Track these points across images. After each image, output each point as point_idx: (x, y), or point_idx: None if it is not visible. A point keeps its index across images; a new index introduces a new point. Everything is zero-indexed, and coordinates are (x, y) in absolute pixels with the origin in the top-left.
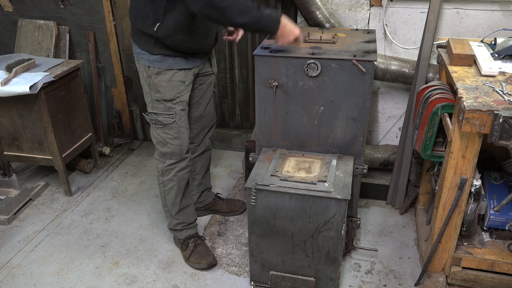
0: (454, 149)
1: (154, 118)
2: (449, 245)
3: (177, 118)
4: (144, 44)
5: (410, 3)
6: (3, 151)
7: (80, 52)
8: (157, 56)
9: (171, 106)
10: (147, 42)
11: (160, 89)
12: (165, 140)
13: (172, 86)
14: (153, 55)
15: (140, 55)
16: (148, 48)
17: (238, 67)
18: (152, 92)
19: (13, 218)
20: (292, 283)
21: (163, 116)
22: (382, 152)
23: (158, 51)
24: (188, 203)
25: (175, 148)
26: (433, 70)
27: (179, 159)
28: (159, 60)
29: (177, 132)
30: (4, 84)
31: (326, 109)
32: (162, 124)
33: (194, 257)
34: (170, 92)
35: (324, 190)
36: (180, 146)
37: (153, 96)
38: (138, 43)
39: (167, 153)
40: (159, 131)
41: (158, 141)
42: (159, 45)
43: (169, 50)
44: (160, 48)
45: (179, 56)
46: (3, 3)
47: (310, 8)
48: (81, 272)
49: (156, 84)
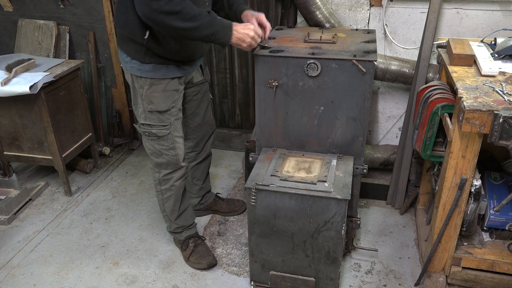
0: (454, 149)
1: (147, 130)
2: (449, 245)
3: (172, 129)
4: (133, 53)
5: (410, 3)
6: (3, 151)
7: (80, 52)
8: (149, 65)
9: (165, 117)
10: (137, 51)
11: (153, 100)
12: (160, 152)
13: (166, 96)
14: (144, 64)
15: (129, 64)
16: (138, 56)
17: (238, 67)
18: (144, 103)
19: (13, 218)
20: (292, 283)
21: (157, 128)
22: (382, 152)
23: (149, 59)
24: (186, 207)
25: (171, 158)
26: (433, 70)
27: (175, 168)
28: (151, 69)
29: (172, 142)
30: (4, 84)
31: (326, 109)
32: (157, 137)
33: (194, 257)
34: (164, 103)
35: (324, 190)
36: (176, 156)
37: (146, 107)
38: (127, 51)
39: (162, 164)
40: (153, 142)
41: (152, 152)
42: (151, 54)
43: (161, 58)
44: (151, 56)
45: (172, 64)
46: (3, 3)
47: (310, 8)
48: (81, 272)
49: (149, 95)
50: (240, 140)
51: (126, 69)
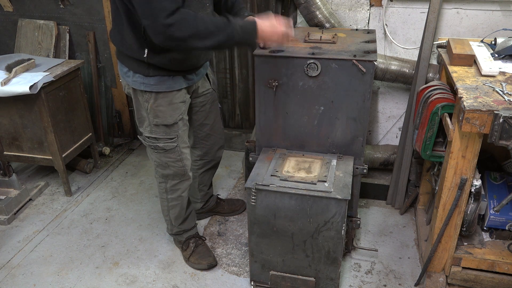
0: (454, 149)
1: (153, 144)
2: (449, 245)
3: (180, 142)
4: (136, 66)
5: (410, 3)
6: (3, 151)
7: (80, 52)
8: (154, 78)
9: (172, 130)
10: (139, 64)
11: (159, 114)
12: (167, 164)
13: (173, 109)
14: (148, 77)
15: (131, 78)
16: (141, 70)
17: (238, 67)
18: (150, 116)
19: (13, 218)
20: (292, 283)
21: (164, 141)
22: (382, 152)
23: (153, 72)
24: (189, 212)
25: (178, 169)
26: (433, 70)
27: (182, 179)
28: (156, 82)
29: (179, 154)
30: (4, 84)
31: (326, 109)
32: (164, 150)
33: (195, 257)
34: (171, 116)
35: (324, 190)
36: (184, 167)
37: (151, 121)
38: (129, 65)
39: (169, 175)
40: (159, 155)
41: (158, 164)
42: (154, 67)
43: (166, 70)
44: (155, 69)
45: (178, 75)
46: (3, 3)
47: (310, 8)
48: (81, 272)
49: (154, 109)
50: (240, 140)
51: (128, 83)
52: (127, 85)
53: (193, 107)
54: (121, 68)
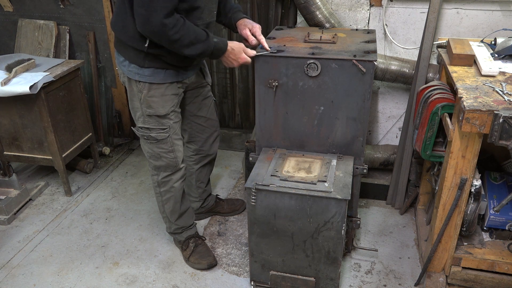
0: (454, 149)
1: (146, 134)
2: (449, 245)
3: (171, 132)
4: (132, 56)
5: (410, 3)
6: (3, 151)
7: (80, 52)
8: (148, 69)
9: (164, 121)
10: (136, 55)
11: (152, 104)
12: (159, 154)
13: (165, 100)
14: (143, 68)
15: (127, 68)
16: (137, 61)
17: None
18: (143, 107)
19: (13, 218)
20: (292, 283)
21: (156, 131)
22: (382, 152)
23: (149, 64)
24: (186, 208)
25: (170, 161)
26: (433, 70)
27: (174, 170)
28: (150, 74)
29: (171, 145)
30: (4, 84)
31: (326, 109)
32: (156, 140)
33: (195, 257)
34: (163, 107)
35: (324, 190)
36: (175, 158)
37: (144, 111)
38: (125, 55)
39: (161, 166)
40: (151, 146)
41: (151, 155)
42: (150, 58)
43: (161, 63)
44: (151, 60)
45: (171, 69)
46: (3, 3)
47: (310, 8)
48: (81, 272)
49: (148, 99)
50: (240, 140)
51: (123, 72)
52: (123, 73)
53: (185, 99)
54: (117, 57)
